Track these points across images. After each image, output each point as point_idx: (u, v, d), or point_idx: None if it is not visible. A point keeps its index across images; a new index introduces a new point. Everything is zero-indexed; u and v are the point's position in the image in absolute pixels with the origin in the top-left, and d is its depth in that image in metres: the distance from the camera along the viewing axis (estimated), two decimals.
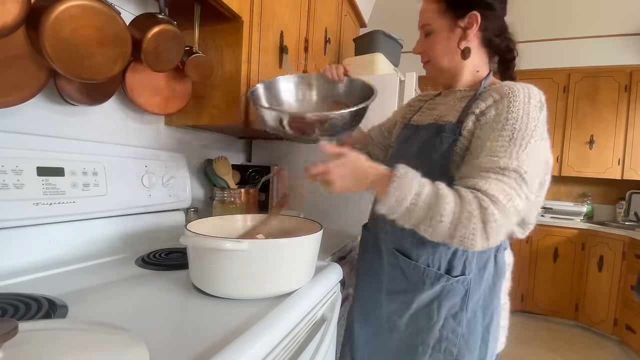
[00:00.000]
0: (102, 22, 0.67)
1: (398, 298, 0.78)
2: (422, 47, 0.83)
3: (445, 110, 0.80)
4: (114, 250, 0.87)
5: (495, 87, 0.72)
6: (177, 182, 1.10)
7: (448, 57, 0.79)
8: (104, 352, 0.36)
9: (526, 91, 0.68)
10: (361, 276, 0.91)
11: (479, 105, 0.70)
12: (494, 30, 0.78)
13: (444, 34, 0.78)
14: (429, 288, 0.73)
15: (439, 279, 0.72)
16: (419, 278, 0.74)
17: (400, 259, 0.77)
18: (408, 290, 0.76)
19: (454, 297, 0.73)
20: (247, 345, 0.46)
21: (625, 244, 2.44)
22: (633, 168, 2.80)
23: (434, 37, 0.79)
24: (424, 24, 0.81)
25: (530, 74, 3.04)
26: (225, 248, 0.56)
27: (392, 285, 0.80)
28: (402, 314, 0.77)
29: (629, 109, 2.79)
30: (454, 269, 0.73)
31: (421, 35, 0.83)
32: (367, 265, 0.88)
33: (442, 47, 0.79)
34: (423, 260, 0.74)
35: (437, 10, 0.78)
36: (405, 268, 0.76)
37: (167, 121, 1.16)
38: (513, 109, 0.64)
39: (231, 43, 1.05)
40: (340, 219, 1.42)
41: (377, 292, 0.83)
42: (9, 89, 0.66)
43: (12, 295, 0.56)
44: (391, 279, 0.80)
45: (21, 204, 0.70)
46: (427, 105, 0.91)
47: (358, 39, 1.63)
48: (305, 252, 0.67)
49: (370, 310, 0.85)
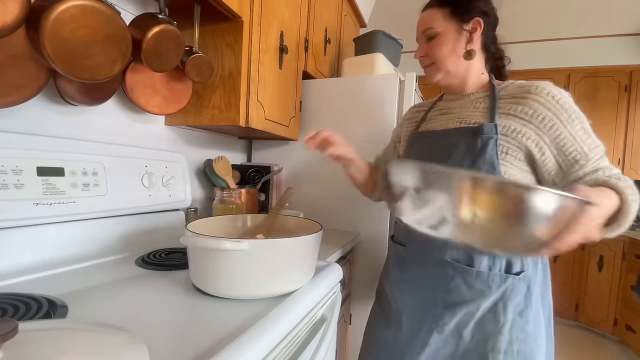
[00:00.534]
0: (102, 22, 0.67)
1: (461, 309, 0.76)
2: (425, 50, 0.84)
3: (465, 114, 0.82)
4: (114, 250, 0.87)
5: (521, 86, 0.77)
6: (177, 182, 1.10)
7: (454, 59, 0.82)
8: (104, 352, 0.36)
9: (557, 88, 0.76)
10: (405, 293, 0.85)
11: (510, 107, 0.75)
12: (491, 37, 0.84)
13: (451, 36, 0.81)
14: (495, 292, 0.73)
15: (504, 281, 0.73)
16: (484, 284, 0.73)
17: (460, 269, 0.75)
18: (472, 298, 0.74)
19: (517, 295, 0.73)
20: (247, 345, 0.46)
21: (625, 244, 2.44)
22: (633, 168, 2.80)
23: (439, 39, 0.81)
24: (427, 28, 0.82)
25: (530, 74, 3.04)
26: (225, 248, 0.56)
27: (451, 297, 0.77)
28: (467, 323, 0.75)
29: (629, 109, 2.79)
30: (513, 266, 0.73)
31: (422, 41, 0.85)
32: (413, 282, 0.83)
33: (448, 48, 0.81)
34: (484, 266, 0.73)
35: (442, 15, 0.81)
36: (467, 277, 0.74)
37: (167, 121, 1.16)
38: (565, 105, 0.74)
39: (231, 43, 1.05)
40: (340, 219, 1.42)
41: (432, 307, 0.79)
42: (9, 89, 0.66)
43: (12, 295, 0.56)
44: (448, 291, 0.76)
45: (21, 204, 0.70)
46: (434, 112, 0.91)
47: (358, 39, 1.63)
48: (305, 252, 0.67)
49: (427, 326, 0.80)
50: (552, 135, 0.72)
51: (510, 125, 0.74)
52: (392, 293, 0.89)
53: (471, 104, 0.82)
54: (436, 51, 0.82)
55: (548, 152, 0.73)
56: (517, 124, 0.73)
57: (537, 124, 0.73)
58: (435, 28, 0.81)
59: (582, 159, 0.72)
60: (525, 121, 0.73)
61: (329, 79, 1.51)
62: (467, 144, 0.75)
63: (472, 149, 0.74)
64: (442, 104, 0.90)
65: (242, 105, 1.05)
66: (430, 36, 0.82)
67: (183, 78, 1.02)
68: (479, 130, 0.75)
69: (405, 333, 0.84)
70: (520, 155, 0.74)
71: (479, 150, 0.74)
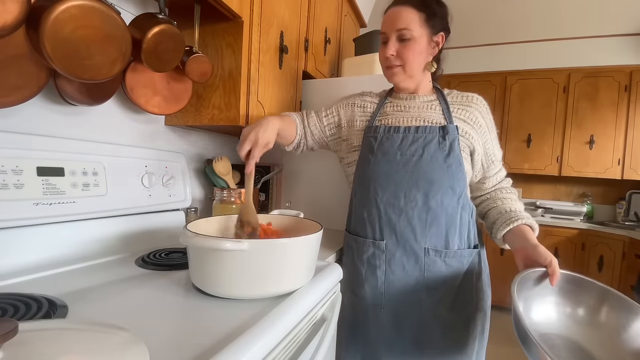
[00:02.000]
0: (102, 22, 0.67)
1: (442, 287, 0.86)
2: (398, 50, 0.86)
3: (424, 113, 0.91)
4: (114, 250, 0.87)
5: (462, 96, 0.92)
6: (177, 182, 1.10)
7: (421, 66, 0.90)
8: (104, 352, 0.36)
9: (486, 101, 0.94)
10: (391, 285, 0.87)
11: (463, 114, 0.89)
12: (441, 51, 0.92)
13: (424, 43, 0.86)
14: (466, 265, 0.87)
15: (470, 255, 0.88)
16: (458, 261, 0.86)
17: (440, 252, 0.85)
18: (451, 276, 0.86)
19: (475, 265, 0.88)
20: (247, 345, 0.46)
21: (625, 244, 2.44)
22: (633, 168, 2.80)
23: (414, 44, 0.85)
24: (403, 28, 0.84)
25: (530, 74, 3.05)
26: (225, 248, 0.56)
27: (434, 279, 0.86)
28: (447, 300, 0.86)
29: (629, 109, 2.79)
30: (472, 241, 0.89)
31: (393, 38, 0.86)
32: (397, 273, 0.87)
33: (421, 55, 0.87)
34: (456, 246, 0.86)
35: (419, 19, 0.84)
36: (446, 258, 0.85)
37: (167, 121, 1.16)
38: (491, 117, 0.93)
39: (231, 43, 1.05)
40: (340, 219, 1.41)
41: (415, 292, 0.87)
42: (9, 89, 0.66)
43: (12, 295, 0.56)
44: (432, 274, 0.86)
45: (21, 204, 0.70)
46: (389, 107, 0.96)
47: (358, 39, 1.63)
48: (305, 252, 0.67)
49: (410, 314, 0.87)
50: (483, 139, 0.90)
51: (462, 128, 0.88)
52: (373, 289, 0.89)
53: (426, 106, 0.92)
54: (410, 55, 0.86)
55: (481, 152, 0.90)
56: (466, 127, 0.88)
57: (477, 129, 0.89)
58: (412, 30, 0.84)
59: (496, 161, 0.94)
60: (470, 125, 0.89)
61: (329, 79, 1.51)
62: (437, 141, 0.85)
63: (443, 146, 0.85)
64: (397, 101, 0.96)
65: (242, 105, 1.05)
66: (405, 37, 0.85)
67: (183, 78, 1.02)
68: (445, 129, 0.86)
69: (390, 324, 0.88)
70: (467, 152, 0.89)
71: (449, 148, 0.85)
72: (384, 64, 0.91)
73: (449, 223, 0.85)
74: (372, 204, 0.89)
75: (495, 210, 0.92)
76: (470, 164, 0.90)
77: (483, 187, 0.97)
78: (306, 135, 1.02)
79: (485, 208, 0.97)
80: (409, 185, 0.85)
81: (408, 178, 0.85)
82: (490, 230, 0.93)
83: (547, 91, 3.01)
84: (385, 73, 0.93)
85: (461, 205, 0.86)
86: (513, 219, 0.85)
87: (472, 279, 0.88)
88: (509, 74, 3.09)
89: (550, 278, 0.72)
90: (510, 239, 0.86)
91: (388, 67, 0.90)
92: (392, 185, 0.86)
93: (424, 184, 0.84)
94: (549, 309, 0.74)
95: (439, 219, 0.84)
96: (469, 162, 0.89)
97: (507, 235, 0.86)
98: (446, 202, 0.84)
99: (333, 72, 1.77)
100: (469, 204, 0.89)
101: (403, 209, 0.85)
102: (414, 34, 0.84)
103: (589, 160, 2.91)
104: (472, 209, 0.90)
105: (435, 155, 0.84)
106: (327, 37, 1.63)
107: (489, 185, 0.96)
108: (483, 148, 0.91)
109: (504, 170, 0.98)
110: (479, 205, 0.99)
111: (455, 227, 0.85)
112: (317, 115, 1.03)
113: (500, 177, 0.97)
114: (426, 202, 0.84)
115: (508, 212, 0.89)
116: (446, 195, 0.84)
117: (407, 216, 0.85)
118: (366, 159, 0.91)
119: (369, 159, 0.90)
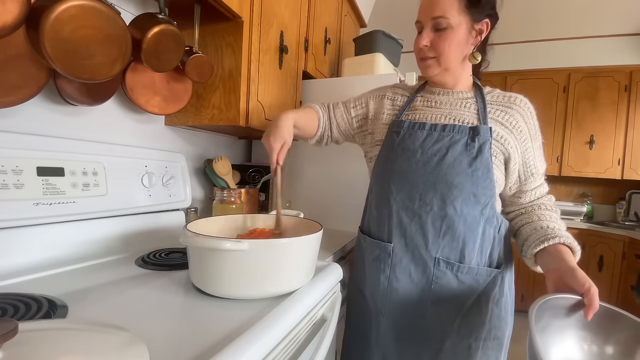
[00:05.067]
0: (102, 22, 0.67)
1: (450, 304, 0.78)
2: (432, 40, 0.77)
3: (456, 112, 0.81)
4: (114, 250, 0.87)
5: (504, 97, 0.82)
6: (177, 182, 1.10)
7: (459, 58, 0.79)
8: (104, 352, 0.36)
9: (532, 104, 0.82)
10: (393, 292, 0.82)
11: (498, 114, 0.79)
12: (487, 40, 0.82)
13: (463, 33, 0.76)
14: (482, 285, 0.77)
15: (489, 274, 0.78)
16: (473, 279, 0.77)
17: (452, 265, 0.77)
18: (462, 293, 0.77)
19: (495, 287, 0.78)
20: (247, 345, 0.46)
21: (625, 244, 2.44)
22: (633, 168, 2.80)
23: (451, 33, 0.75)
24: (439, 16, 0.75)
25: (530, 74, 3.04)
26: (225, 248, 0.56)
27: (441, 293, 0.78)
28: (454, 319, 0.78)
29: (629, 109, 2.79)
30: (494, 260, 0.79)
31: (428, 27, 0.77)
32: (402, 280, 0.81)
33: (458, 46, 0.77)
34: (474, 262, 0.77)
35: (458, 5, 0.75)
36: (458, 273, 0.77)
37: (167, 121, 1.16)
38: (536, 123, 0.81)
39: (231, 43, 1.05)
40: (340, 218, 1.41)
41: (420, 304, 0.80)
42: (9, 89, 0.66)
43: (12, 295, 0.56)
44: (440, 287, 0.78)
45: (21, 204, 0.70)
46: (420, 101, 0.87)
47: (358, 39, 1.63)
48: (305, 252, 0.67)
49: (412, 325, 0.81)
50: (523, 147, 0.79)
51: (498, 131, 0.77)
52: (373, 293, 0.85)
53: (460, 103, 0.82)
54: (445, 46, 0.76)
55: (519, 161, 0.79)
56: (503, 131, 0.78)
57: (516, 135, 0.78)
58: (449, 19, 0.74)
59: (536, 174, 0.81)
60: (509, 130, 0.78)
61: (329, 79, 1.51)
62: (465, 143, 0.76)
63: (471, 148, 0.76)
64: (428, 96, 0.86)
65: (242, 105, 1.05)
66: (441, 26, 0.75)
67: (183, 78, 1.02)
68: (476, 130, 0.76)
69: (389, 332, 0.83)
70: (501, 159, 0.78)
71: (477, 151, 0.75)
72: (418, 55, 0.82)
73: (468, 235, 0.76)
74: (384, 202, 0.82)
75: (530, 227, 0.78)
76: (503, 173, 0.79)
77: (518, 202, 0.84)
78: (331, 127, 0.96)
79: (518, 223, 0.83)
80: (426, 188, 0.77)
81: (426, 179, 0.77)
82: (521, 248, 0.80)
83: (547, 91, 3.01)
84: (419, 65, 0.83)
85: (486, 218, 0.76)
86: (549, 236, 0.72)
87: (489, 302, 0.78)
88: (509, 74, 3.09)
89: (587, 309, 0.57)
90: (543, 259, 0.72)
91: (422, 59, 0.81)
92: (408, 185, 0.79)
93: (443, 188, 0.75)
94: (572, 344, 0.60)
95: (456, 228, 0.76)
96: (502, 170, 0.79)
97: (539, 254, 0.73)
98: (466, 210, 0.75)
99: (333, 72, 1.77)
100: (498, 217, 0.79)
101: (417, 212, 0.78)
102: (451, 22, 0.74)
103: (589, 160, 2.91)
104: (500, 223, 0.79)
105: (459, 158, 0.75)
106: (327, 37, 1.63)
107: (526, 200, 0.83)
108: (522, 157, 0.79)
109: (545, 185, 0.84)
110: (512, 220, 0.85)
111: (474, 241, 0.76)
112: (345, 106, 0.96)
113: (541, 193, 0.83)
114: (443, 208, 0.76)
115: (545, 228, 0.75)
116: (467, 204, 0.75)
117: (420, 220, 0.77)
118: (386, 154, 0.84)
119: (388, 155, 0.84)
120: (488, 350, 0.78)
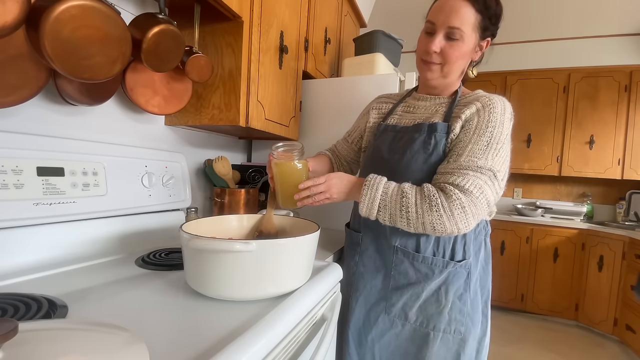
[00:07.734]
0: (102, 22, 0.67)
1: (407, 291, 0.82)
2: (442, 47, 0.78)
3: (428, 114, 0.86)
4: (114, 250, 0.87)
5: (475, 96, 0.81)
6: (177, 182, 1.10)
7: (461, 69, 0.84)
8: (104, 352, 0.36)
9: (502, 104, 0.77)
10: (360, 276, 0.89)
11: (464, 111, 0.77)
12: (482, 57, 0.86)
13: (471, 47, 0.80)
14: (437, 276, 0.80)
15: (446, 266, 0.80)
16: (428, 268, 0.80)
17: (408, 254, 0.82)
18: (418, 281, 0.81)
19: (458, 281, 0.80)
20: (247, 346, 0.46)
21: (625, 244, 2.44)
22: (633, 168, 2.80)
23: (462, 45, 0.78)
24: (455, 27, 0.76)
25: (530, 73, 3.05)
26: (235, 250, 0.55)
27: (400, 280, 0.83)
28: (412, 305, 0.82)
29: (629, 109, 2.79)
30: (457, 254, 0.81)
31: (441, 32, 0.78)
32: (367, 265, 0.89)
33: (464, 58, 0.81)
34: (429, 251, 0.81)
35: (474, 20, 0.77)
36: (414, 261, 0.81)
37: (167, 121, 1.16)
38: (492, 119, 0.74)
39: (231, 43, 1.05)
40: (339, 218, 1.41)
41: (382, 289, 0.86)
42: (9, 89, 0.66)
43: (12, 295, 0.56)
44: (398, 274, 0.83)
45: (21, 204, 0.70)
46: (401, 107, 0.93)
47: (358, 39, 1.63)
48: (304, 252, 0.67)
49: (376, 308, 0.86)
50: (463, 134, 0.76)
51: (455, 127, 0.77)
52: (347, 277, 0.92)
53: (435, 106, 0.86)
54: (454, 56, 0.78)
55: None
56: (459, 126, 0.77)
57: (466, 128, 0.76)
58: (464, 32, 0.76)
59: (451, 159, 0.74)
60: (462, 122, 0.78)
61: (329, 79, 1.51)
62: (423, 140, 0.79)
63: (427, 145, 0.79)
64: (411, 102, 0.92)
65: (242, 105, 1.05)
66: (454, 37, 0.76)
67: (183, 78, 1.02)
68: (433, 127, 0.79)
69: (355, 315, 0.89)
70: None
71: (433, 147, 0.78)
72: (423, 56, 0.82)
73: None
74: None
75: None
76: None
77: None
78: (340, 161, 1.05)
79: None
80: None
81: (389, 175, 0.78)
82: None
83: (547, 91, 3.01)
84: (420, 66, 0.84)
85: None
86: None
87: (449, 294, 0.79)
88: (509, 74, 3.09)
89: None
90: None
91: (426, 62, 0.81)
92: None
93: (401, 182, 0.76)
94: None
95: None
96: None
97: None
98: None
99: (333, 72, 1.77)
100: None
101: None
102: (464, 36, 0.76)
103: (589, 160, 2.91)
104: None
105: (417, 155, 0.79)
106: (327, 37, 1.63)
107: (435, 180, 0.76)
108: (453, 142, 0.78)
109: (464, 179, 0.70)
110: None
111: None
112: (344, 138, 1.07)
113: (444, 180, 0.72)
114: None
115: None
116: None
117: None
118: (365, 155, 0.93)
119: (367, 155, 0.92)
120: (448, 343, 0.80)
